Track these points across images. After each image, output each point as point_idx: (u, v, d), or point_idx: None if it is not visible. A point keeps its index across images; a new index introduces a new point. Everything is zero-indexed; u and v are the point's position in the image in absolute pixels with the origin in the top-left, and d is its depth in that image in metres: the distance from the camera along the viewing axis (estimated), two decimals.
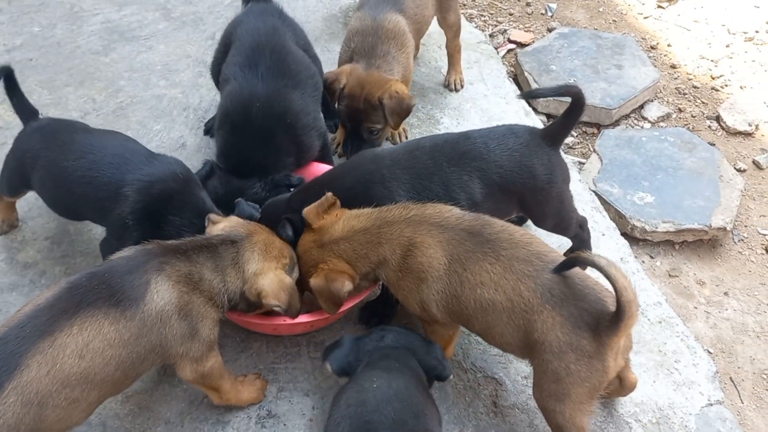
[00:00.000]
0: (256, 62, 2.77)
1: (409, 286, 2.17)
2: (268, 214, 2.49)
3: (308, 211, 2.29)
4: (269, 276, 2.15)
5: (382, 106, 2.83)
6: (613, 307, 1.92)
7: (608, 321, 1.92)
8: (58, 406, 1.82)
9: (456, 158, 2.43)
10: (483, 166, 2.41)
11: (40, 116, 2.67)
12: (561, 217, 2.54)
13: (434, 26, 3.51)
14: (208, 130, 3.31)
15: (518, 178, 2.40)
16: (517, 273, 2.03)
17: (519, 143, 2.43)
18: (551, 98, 3.67)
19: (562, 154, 3.33)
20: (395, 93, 2.83)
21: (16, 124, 3.29)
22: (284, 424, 2.35)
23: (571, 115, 2.43)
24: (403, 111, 2.88)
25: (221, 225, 2.25)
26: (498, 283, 2.04)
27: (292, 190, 2.67)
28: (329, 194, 2.31)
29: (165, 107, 3.41)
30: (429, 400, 2.03)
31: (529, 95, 3.49)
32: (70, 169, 2.42)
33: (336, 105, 2.96)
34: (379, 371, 2.00)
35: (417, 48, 3.50)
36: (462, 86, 3.60)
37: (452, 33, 3.48)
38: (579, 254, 1.97)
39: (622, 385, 2.28)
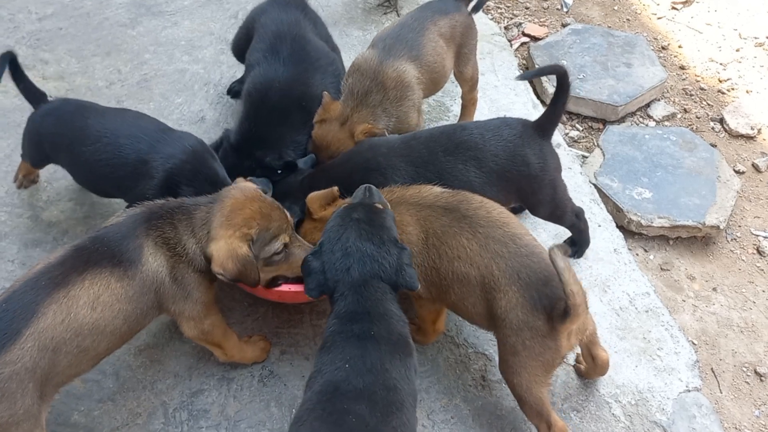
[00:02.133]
0: (278, 49, 2.92)
1: None
2: (281, 194, 2.63)
3: (312, 200, 2.45)
4: (219, 243, 2.14)
5: None
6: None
7: (561, 309, 2.06)
8: (69, 353, 1.96)
9: (452, 148, 2.56)
10: (479, 155, 2.54)
11: (50, 98, 2.75)
12: (555, 204, 2.67)
13: None
14: (230, 90, 3.49)
15: (513, 167, 2.53)
16: (491, 252, 2.18)
17: (513, 134, 2.55)
18: None
19: (566, 146, 3.48)
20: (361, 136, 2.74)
21: (45, 90, 3.45)
22: (284, 384, 2.51)
23: (557, 102, 2.50)
24: None
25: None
26: (473, 259, 2.20)
27: (279, 172, 2.75)
28: (335, 189, 2.45)
29: (187, 81, 3.56)
30: (405, 373, 2.01)
31: (522, 77, 3.29)
32: (88, 153, 2.54)
33: None
34: (352, 345, 1.97)
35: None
36: None
37: (468, 86, 3.31)
38: (550, 251, 2.05)
39: (595, 363, 2.43)
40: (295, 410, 1.93)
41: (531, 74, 3.06)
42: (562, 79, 2.46)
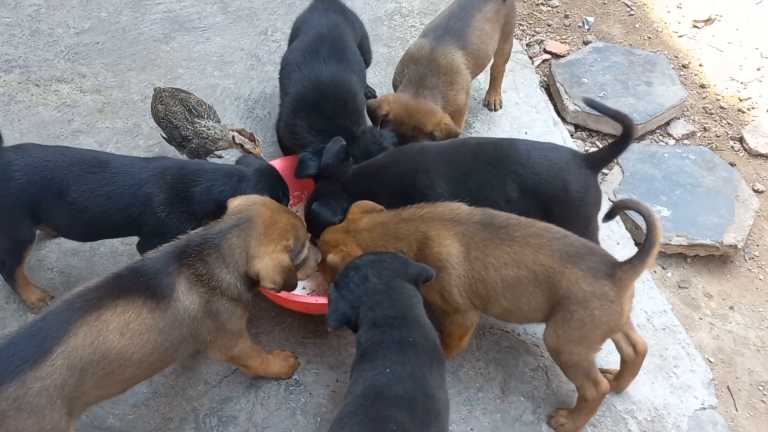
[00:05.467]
0: (317, 49, 3.06)
1: None
2: (324, 192, 2.77)
3: (359, 204, 2.58)
4: (264, 260, 2.22)
5: (433, 137, 2.97)
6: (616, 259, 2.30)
7: (626, 264, 2.24)
8: (96, 374, 2.02)
9: (495, 159, 2.65)
10: (520, 170, 2.62)
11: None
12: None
13: None
14: None
15: (551, 189, 2.59)
16: (533, 246, 2.32)
17: (559, 158, 2.63)
18: (581, 110, 3.85)
19: None
20: (444, 125, 2.99)
21: (83, 103, 3.63)
22: (310, 393, 2.60)
23: (617, 147, 2.63)
24: (450, 135, 3.01)
25: (236, 202, 2.35)
26: (519, 260, 2.32)
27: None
28: (381, 207, 2.58)
29: (218, 96, 3.68)
30: (441, 382, 2.14)
31: (590, 103, 2.93)
32: (81, 201, 2.50)
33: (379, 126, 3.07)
34: (393, 352, 2.07)
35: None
36: (501, 106, 3.76)
37: (503, 59, 3.61)
38: (624, 200, 2.39)
39: (637, 351, 2.51)
40: (337, 412, 2.01)
41: (598, 106, 2.95)
42: (628, 130, 2.56)
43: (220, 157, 3.35)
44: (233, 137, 2.94)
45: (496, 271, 2.34)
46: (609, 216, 2.38)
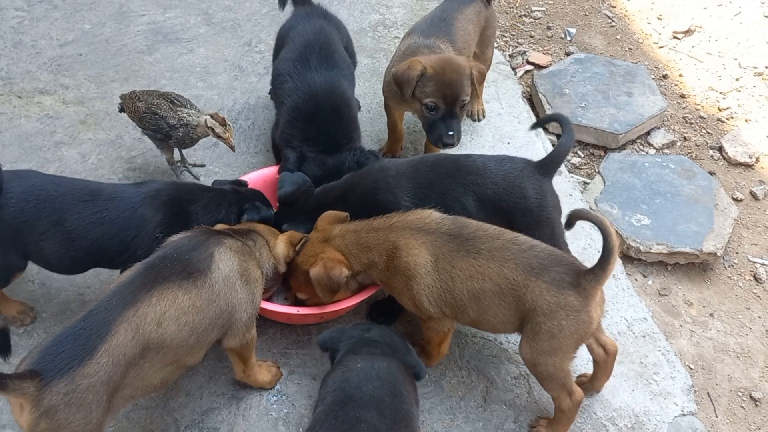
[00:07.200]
0: (307, 58, 3.09)
1: (399, 284, 2.45)
2: (291, 215, 2.78)
3: (324, 216, 2.63)
4: (280, 245, 2.57)
5: (471, 77, 3.02)
6: (584, 267, 2.32)
7: (589, 274, 2.25)
8: (137, 365, 2.09)
9: (454, 171, 2.71)
10: (479, 180, 2.68)
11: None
12: (552, 245, 2.63)
13: None
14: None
15: (510, 197, 2.65)
16: (498, 260, 2.34)
17: (514, 167, 2.70)
18: None
19: (567, 173, 3.58)
20: (473, 63, 3.10)
21: (65, 114, 3.63)
22: (292, 404, 2.60)
23: (561, 147, 2.71)
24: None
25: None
26: (484, 273, 2.34)
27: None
28: (346, 214, 2.64)
29: (202, 107, 3.62)
30: (408, 380, 2.23)
31: (534, 126, 3.23)
32: (73, 229, 2.49)
33: (412, 93, 3.01)
34: (362, 356, 2.22)
35: None
36: (484, 116, 3.80)
37: (486, 66, 3.66)
38: (578, 210, 2.38)
39: (607, 351, 2.54)
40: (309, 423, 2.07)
41: (542, 122, 3.21)
42: (565, 128, 2.68)
43: (202, 165, 3.41)
44: (205, 120, 3.00)
45: (462, 283, 2.37)
46: (567, 225, 2.43)
